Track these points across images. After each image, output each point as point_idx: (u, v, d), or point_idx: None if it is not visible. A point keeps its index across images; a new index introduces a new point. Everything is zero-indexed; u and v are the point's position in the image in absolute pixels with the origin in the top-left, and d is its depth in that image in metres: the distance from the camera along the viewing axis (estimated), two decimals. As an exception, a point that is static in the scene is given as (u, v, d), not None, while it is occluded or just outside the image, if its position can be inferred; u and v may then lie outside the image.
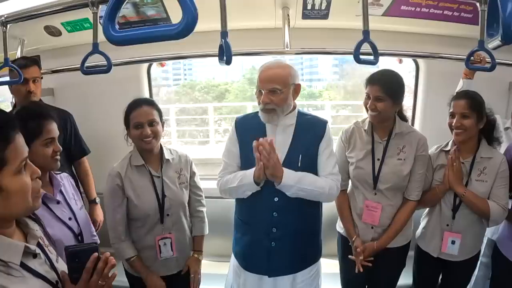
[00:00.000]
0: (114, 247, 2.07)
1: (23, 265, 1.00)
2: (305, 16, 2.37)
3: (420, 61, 2.90)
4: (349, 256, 2.24)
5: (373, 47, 1.69)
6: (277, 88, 1.84)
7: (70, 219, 1.75)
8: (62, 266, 1.19)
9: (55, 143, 1.71)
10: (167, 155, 2.15)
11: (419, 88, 2.97)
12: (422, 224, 2.38)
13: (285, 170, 1.84)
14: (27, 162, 1.02)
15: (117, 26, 0.91)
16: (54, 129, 1.71)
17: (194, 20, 0.82)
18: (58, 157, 1.72)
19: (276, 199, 1.92)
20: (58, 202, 1.73)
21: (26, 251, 1.03)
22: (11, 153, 0.96)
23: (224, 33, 1.51)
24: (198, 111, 10.87)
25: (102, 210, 2.57)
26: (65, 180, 1.86)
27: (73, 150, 2.61)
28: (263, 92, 1.86)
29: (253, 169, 1.84)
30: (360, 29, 1.62)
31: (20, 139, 1.00)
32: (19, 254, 0.99)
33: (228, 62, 1.59)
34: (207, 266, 2.53)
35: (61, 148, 1.73)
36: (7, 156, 0.96)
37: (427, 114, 2.96)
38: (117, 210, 2.06)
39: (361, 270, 2.17)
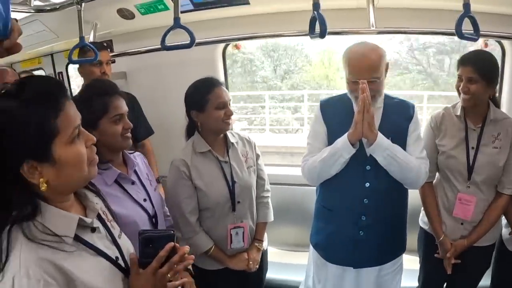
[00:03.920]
0: (189, 242, 1.94)
1: (78, 238, 0.97)
2: (389, -5, 2.23)
3: (506, 43, 2.67)
4: (435, 255, 2.12)
5: (474, 22, 1.60)
6: (377, 77, 1.75)
7: (145, 200, 1.67)
8: (125, 242, 1.16)
9: (124, 120, 1.62)
10: (231, 138, 2.05)
11: (505, 73, 2.73)
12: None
13: (379, 133, 1.76)
14: (81, 129, 0.98)
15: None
16: (121, 105, 1.61)
17: None
18: (129, 134, 1.64)
19: (367, 184, 1.84)
20: (133, 183, 1.66)
21: (83, 224, 0.99)
22: (62, 122, 0.92)
23: (316, 5, 1.42)
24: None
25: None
26: (139, 160, 1.79)
27: (138, 130, 2.60)
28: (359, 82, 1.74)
29: (346, 133, 1.77)
30: (443, 9, 1.50)
31: (71, 107, 0.96)
32: (73, 227, 0.95)
33: (323, 35, 1.50)
34: (282, 255, 2.50)
35: (132, 125, 1.64)
36: (58, 125, 0.92)
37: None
38: (187, 201, 1.94)
39: (450, 272, 2.07)
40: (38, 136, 0.89)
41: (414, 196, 2.12)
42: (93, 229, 1.04)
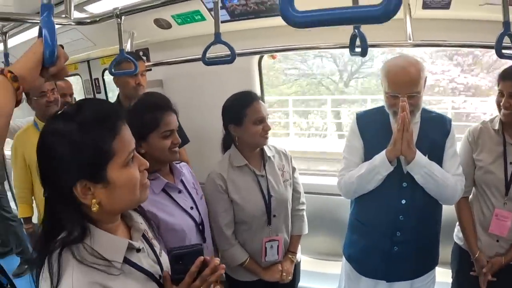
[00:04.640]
0: (225, 254, 2.00)
1: (126, 260, 0.99)
2: (425, 5, 2.18)
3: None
4: (471, 273, 2.06)
5: None
6: (417, 92, 1.73)
7: (191, 208, 1.73)
8: (165, 260, 1.17)
9: (174, 135, 1.65)
10: (268, 152, 2.05)
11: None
12: None
13: (417, 150, 1.74)
14: (135, 153, 1.00)
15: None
16: (172, 121, 1.65)
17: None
18: (177, 149, 1.68)
19: (403, 201, 1.83)
20: (180, 191, 1.72)
21: (131, 247, 1.01)
22: (118, 145, 0.94)
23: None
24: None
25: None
26: (185, 169, 1.84)
27: None
28: (399, 96, 1.72)
29: (384, 150, 1.76)
30: (483, 20, 1.48)
31: (127, 131, 0.98)
32: (122, 251, 0.98)
33: (364, 53, 1.50)
34: (315, 264, 2.48)
35: (180, 140, 1.68)
36: (114, 148, 0.94)
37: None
38: (223, 215, 1.96)
39: None
40: (94, 157, 0.91)
41: (447, 208, 2.08)
42: (139, 250, 1.06)
